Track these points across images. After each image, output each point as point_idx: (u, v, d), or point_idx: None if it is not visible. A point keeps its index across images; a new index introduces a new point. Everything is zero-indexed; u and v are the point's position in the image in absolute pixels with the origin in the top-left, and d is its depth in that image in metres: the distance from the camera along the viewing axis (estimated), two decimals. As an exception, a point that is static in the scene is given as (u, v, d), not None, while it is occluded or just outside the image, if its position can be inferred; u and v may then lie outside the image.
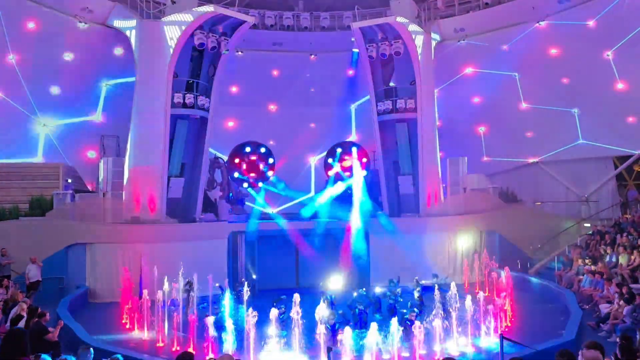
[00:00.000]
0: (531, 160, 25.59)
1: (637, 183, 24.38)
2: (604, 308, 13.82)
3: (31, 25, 21.39)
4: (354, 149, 23.47)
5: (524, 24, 23.41)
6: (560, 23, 22.78)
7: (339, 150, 24.04)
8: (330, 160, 24.14)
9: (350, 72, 26.77)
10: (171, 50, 19.47)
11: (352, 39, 22.78)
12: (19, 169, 21.34)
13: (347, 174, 23.38)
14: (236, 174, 22.72)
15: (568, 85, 23.80)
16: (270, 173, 23.33)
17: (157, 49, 19.72)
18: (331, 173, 23.62)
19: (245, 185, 22.86)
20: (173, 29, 19.53)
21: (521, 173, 25.80)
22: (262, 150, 23.41)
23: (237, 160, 23.03)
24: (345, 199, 22.46)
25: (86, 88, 23.68)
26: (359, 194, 21.96)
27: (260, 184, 23.17)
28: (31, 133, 23.21)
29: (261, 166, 23.12)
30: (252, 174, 23.05)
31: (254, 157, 23.21)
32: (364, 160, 23.71)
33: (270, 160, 23.42)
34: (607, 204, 23.98)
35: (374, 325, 10.88)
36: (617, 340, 6.45)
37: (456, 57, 24.94)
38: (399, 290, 15.82)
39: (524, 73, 24.65)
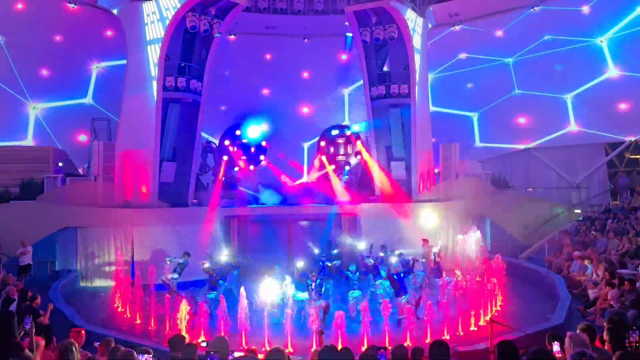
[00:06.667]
0: (523, 146, 25.67)
1: (628, 170, 24.54)
2: (593, 293, 13.98)
3: (20, 6, 21.04)
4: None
5: (518, 9, 23.32)
6: (555, 9, 22.71)
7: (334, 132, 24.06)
8: (322, 143, 24.04)
9: (344, 57, 26.60)
10: (162, 33, 19.21)
11: (346, 23, 22.58)
12: (8, 152, 21.14)
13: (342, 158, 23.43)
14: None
15: (561, 71, 23.83)
16: (262, 157, 23.27)
17: (148, 31, 19.45)
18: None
19: (237, 168, 22.75)
20: (164, 11, 19.25)
21: (513, 159, 25.93)
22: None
23: (227, 143, 22.88)
24: None
25: (76, 70, 23.45)
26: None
27: (251, 167, 23.12)
28: (21, 116, 23.01)
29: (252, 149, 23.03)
30: (244, 157, 22.97)
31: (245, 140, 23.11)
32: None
33: (263, 143, 23.33)
34: (598, 191, 24.18)
35: None
36: (605, 324, 6.50)
37: (450, 42, 24.83)
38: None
39: (518, 59, 24.63)
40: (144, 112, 19.33)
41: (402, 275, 13.67)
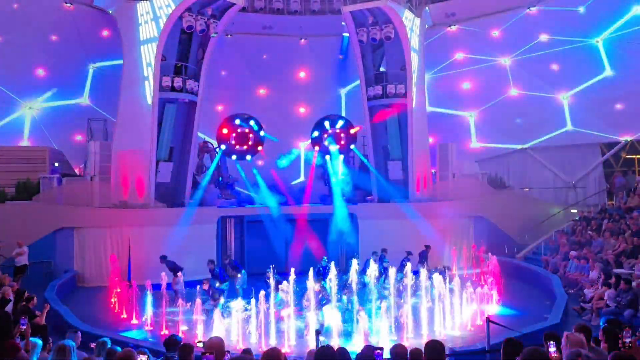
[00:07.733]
0: (520, 146, 25.72)
1: (624, 169, 24.61)
2: (589, 292, 14.02)
3: (15, 5, 20.96)
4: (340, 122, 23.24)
5: (514, 9, 23.38)
6: (551, 9, 22.76)
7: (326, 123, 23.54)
8: (316, 134, 23.48)
9: (341, 57, 26.59)
10: (159, 33, 19.17)
11: (343, 23, 22.59)
12: (4, 152, 21.05)
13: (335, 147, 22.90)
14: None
15: (557, 71, 23.89)
16: (259, 148, 23.03)
17: (144, 31, 19.42)
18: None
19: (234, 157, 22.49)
20: (159, 11, 19.22)
21: (510, 159, 25.98)
22: (252, 123, 22.92)
23: (225, 131, 22.25)
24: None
25: (73, 70, 23.35)
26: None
27: (248, 157, 22.85)
28: (17, 116, 22.92)
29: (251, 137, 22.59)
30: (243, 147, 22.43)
31: (247, 130, 22.55)
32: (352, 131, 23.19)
33: (262, 133, 22.99)
34: (594, 191, 24.25)
35: None
36: (601, 324, 6.52)
37: (447, 42, 24.87)
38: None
39: (514, 59, 24.68)
40: (141, 112, 19.30)
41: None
